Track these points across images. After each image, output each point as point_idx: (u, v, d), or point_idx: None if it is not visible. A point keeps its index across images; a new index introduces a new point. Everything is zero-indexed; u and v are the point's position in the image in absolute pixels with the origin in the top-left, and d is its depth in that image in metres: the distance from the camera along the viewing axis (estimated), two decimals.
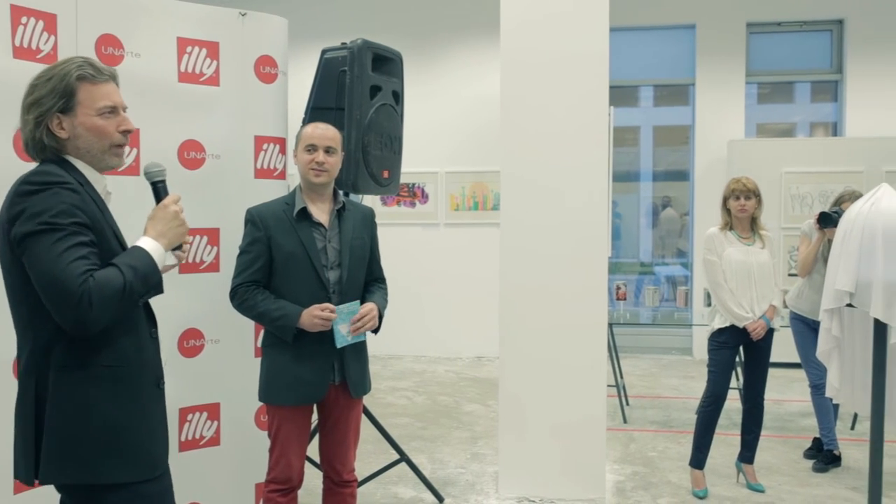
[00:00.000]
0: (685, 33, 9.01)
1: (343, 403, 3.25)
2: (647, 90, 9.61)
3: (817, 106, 9.30)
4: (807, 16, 8.80)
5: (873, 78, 8.57)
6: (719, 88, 8.78)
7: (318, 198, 3.21)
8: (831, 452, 5.14)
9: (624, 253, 9.69)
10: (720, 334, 4.56)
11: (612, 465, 5.12)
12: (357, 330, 3.14)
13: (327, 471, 3.35)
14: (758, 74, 9.03)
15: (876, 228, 3.03)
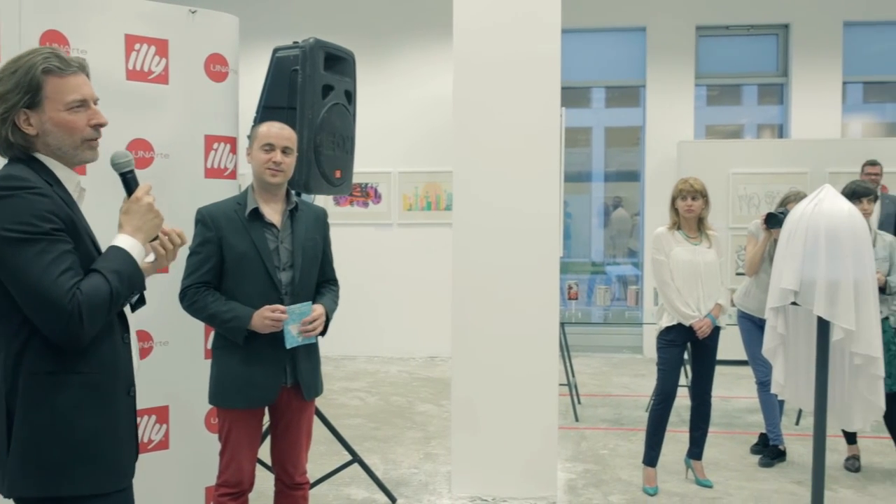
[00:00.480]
0: (636, 36, 9.12)
1: (295, 406, 3.23)
2: (599, 92, 9.72)
3: (764, 108, 9.49)
4: (754, 20, 8.98)
5: (816, 81, 8.78)
6: (669, 90, 8.92)
7: (272, 198, 3.18)
8: (776, 447, 5.26)
9: (576, 253, 9.78)
10: (668, 333, 4.62)
11: (564, 464, 5.16)
12: (307, 333, 3.12)
13: (279, 473, 3.33)
14: (707, 77, 9.19)
15: (819, 229, 3.09)
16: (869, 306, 3.12)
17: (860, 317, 3.09)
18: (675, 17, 8.90)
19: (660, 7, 8.91)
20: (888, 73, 9.08)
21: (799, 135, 8.73)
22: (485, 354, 4.55)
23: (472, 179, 4.53)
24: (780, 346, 3.40)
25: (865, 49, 8.98)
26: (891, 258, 4.89)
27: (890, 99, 9.44)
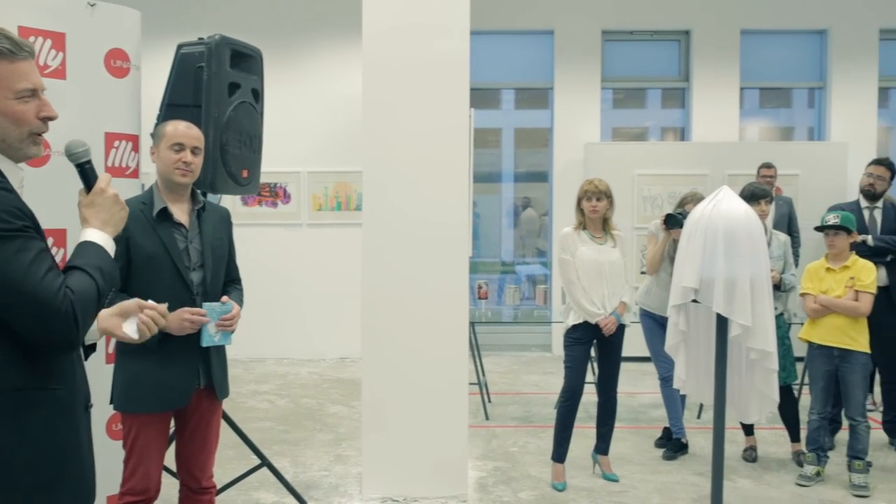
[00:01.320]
0: (544, 39, 9.26)
1: (205, 408, 3.19)
2: (509, 93, 9.83)
3: (667, 112, 9.77)
4: (657, 25, 9.24)
5: (715, 87, 9.09)
6: (576, 93, 9.08)
7: (178, 198, 3.13)
8: (679, 441, 5.42)
9: (486, 253, 9.87)
10: (574, 331, 4.72)
11: (475, 462, 5.20)
12: (225, 328, 3.09)
13: (184, 478, 3.25)
14: (612, 80, 9.40)
15: (717, 229, 3.21)
16: (764, 303, 3.25)
17: (756, 313, 3.21)
18: (581, 22, 9.07)
19: (567, 11, 9.06)
20: (782, 79, 9.48)
21: (700, 138, 9.02)
22: (395, 355, 4.55)
23: (382, 179, 4.52)
24: (682, 342, 3.51)
25: (761, 56, 9.35)
26: (785, 257, 5.10)
27: (784, 104, 9.85)
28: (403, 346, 4.54)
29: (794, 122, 9.91)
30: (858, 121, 9.09)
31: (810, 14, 9.11)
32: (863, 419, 4.79)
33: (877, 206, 5.78)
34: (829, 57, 9.17)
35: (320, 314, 8.60)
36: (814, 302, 4.84)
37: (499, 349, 8.98)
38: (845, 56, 9.11)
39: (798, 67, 9.45)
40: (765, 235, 4.68)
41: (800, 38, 9.40)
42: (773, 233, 5.15)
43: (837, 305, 4.76)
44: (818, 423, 4.90)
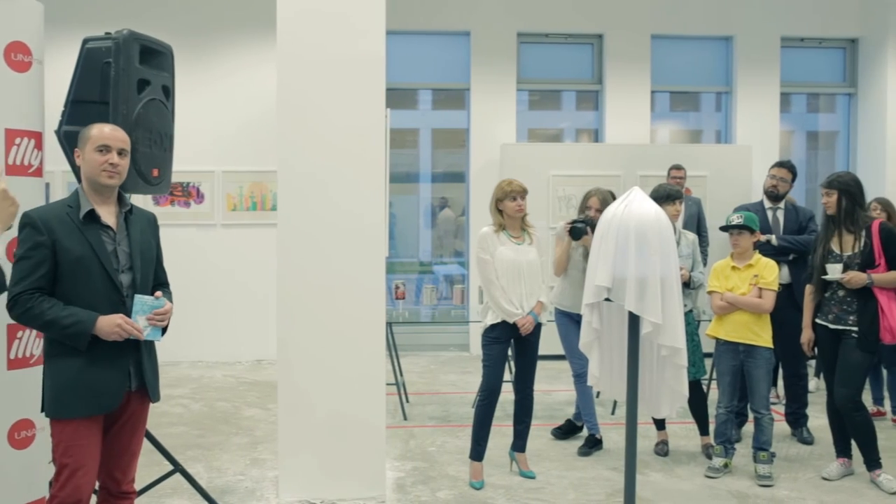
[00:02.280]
0: (461, 40, 9.32)
1: (133, 409, 3.16)
2: (426, 94, 9.84)
3: (581, 113, 9.95)
4: (571, 29, 9.39)
5: (627, 90, 9.30)
6: (493, 94, 9.16)
7: (105, 200, 3.12)
8: (593, 436, 5.53)
9: (403, 253, 9.87)
10: (492, 330, 4.76)
11: (393, 462, 5.19)
12: (156, 323, 3.07)
13: (104, 480, 3.18)
14: (528, 82, 9.51)
15: (629, 229, 3.27)
16: (674, 301, 3.33)
17: (666, 311, 3.29)
18: (497, 23, 9.16)
19: (483, 13, 9.14)
20: (691, 83, 9.76)
21: (613, 139, 9.21)
22: (311, 356, 4.51)
23: (297, 179, 4.47)
24: (596, 340, 3.57)
25: (671, 61, 9.61)
26: (693, 255, 5.26)
27: (693, 108, 10.14)
28: (320, 347, 4.50)
29: (703, 125, 10.21)
30: (762, 124, 9.44)
31: (717, 21, 9.41)
32: (767, 412, 4.97)
33: (779, 207, 6.00)
34: (735, 63, 9.49)
35: (235, 316, 8.46)
36: (720, 299, 4.99)
37: (417, 349, 8.99)
38: (750, 62, 9.44)
39: (706, 72, 9.75)
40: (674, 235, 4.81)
41: (707, 43, 9.70)
42: (681, 232, 5.30)
43: (742, 302, 4.92)
44: (725, 417, 5.06)
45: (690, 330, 5.07)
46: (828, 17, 9.51)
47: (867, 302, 4.71)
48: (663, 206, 5.09)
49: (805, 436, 5.73)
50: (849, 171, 5.67)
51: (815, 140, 10.39)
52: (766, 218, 5.90)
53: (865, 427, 4.82)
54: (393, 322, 6.61)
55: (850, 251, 4.80)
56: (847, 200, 4.82)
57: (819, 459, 5.30)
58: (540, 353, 4.94)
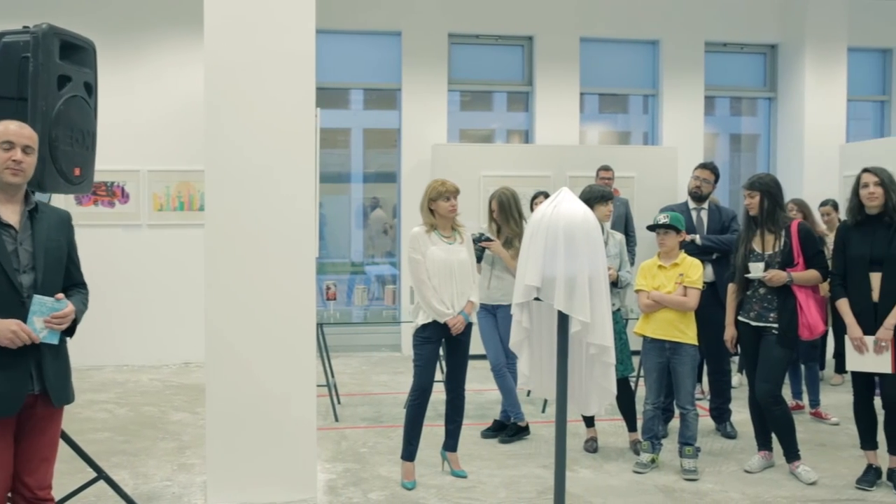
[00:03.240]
0: (392, 40, 9.30)
1: (41, 414, 3.08)
2: (358, 93, 9.80)
3: (512, 115, 10.03)
4: (502, 30, 9.46)
5: (557, 91, 9.41)
6: (424, 94, 9.17)
7: (9, 199, 3.04)
8: (516, 424, 5.63)
9: (335, 253, 9.81)
10: (424, 330, 4.76)
11: (324, 464, 5.16)
12: (54, 327, 2.98)
13: (17, 487, 3.09)
14: (459, 83, 9.55)
15: (558, 229, 3.31)
16: (602, 300, 3.38)
17: (594, 309, 3.34)
18: (428, 24, 9.17)
19: (414, 13, 9.14)
20: (619, 86, 9.93)
21: (543, 140, 9.31)
22: (240, 358, 4.44)
23: (225, 179, 4.40)
24: (525, 339, 3.60)
25: (600, 63, 9.76)
26: (621, 255, 5.35)
27: (621, 110, 10.32)
28: (249, 349, 4.44)
29: (631, 127, 10.41)
30: (687, 127, 9.66)
31: (643, 25, 9.60)
32: (692, 407, 5.09)
33: (703, 208, 6.16)
34: (661, 66, 9.70)
35: (162, 318, 8.28)
36: (647, 298, 5.10)
37: (348, 350, 8.94)
38: (675, 66, 9.66)
39: (633, 75, 9.94)
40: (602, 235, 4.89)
41: (634, 47, 9.89)
42: (609, 232, 5.39)
43: (667, 301, 5.03)
44: (652, 413, 5.17)
45: (618, 328, 5.16)
46: (749, 24, 9.79)
47: (786, 300, 4.87)
48: (596, 206, 5.19)
49: (728, 430, 5.89)
50: (769, 173, 5.84)
51: (738, 142, 10.69)
52: (690, 218, 6.05)
53: (785, 420, 4.98)
54: (324, 323, 6.56)
55: (771, 250, 4.95)
56: (769, 201, 4.97)
57: (742, 453, 5.45)
58: (471, 353, 4.98)
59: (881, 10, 9.78)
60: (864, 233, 4.74)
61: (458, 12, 9.24)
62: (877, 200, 4.67)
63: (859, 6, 9.61)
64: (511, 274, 5.41)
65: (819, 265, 4.90)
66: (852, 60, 9.68)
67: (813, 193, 8.31)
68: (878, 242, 4.67)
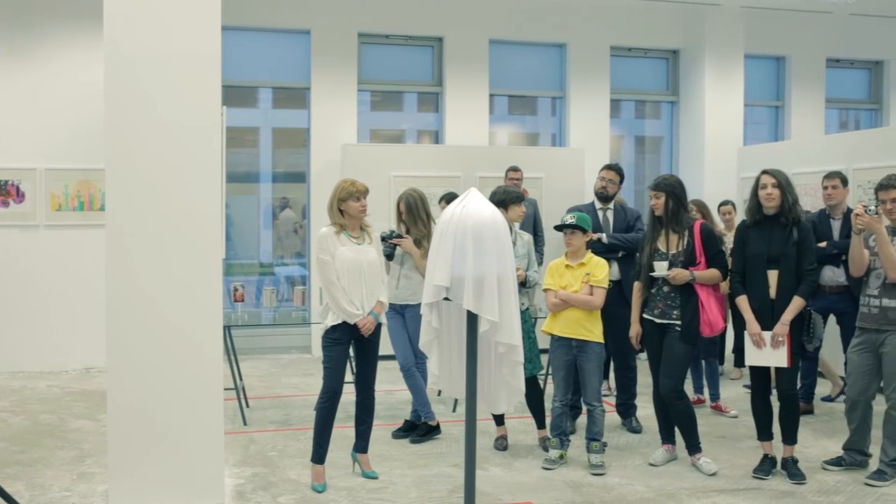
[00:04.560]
0: (301, 38, 9.19)
1: None
2: (266, 92, 9.65)
3: (422, 115, 10.06)
4: (412, 31, 9.47)
5: (467, 92, 9.48)
6: (333, 94, 9.11)
7: None
8: (427, 424, 5.66)
9: (243, 254, 9.64)
10: (333, 331, 4.73)
11: (232, 469, 5.06)
12: None
13: None
14: (369, 83, 9.51)
15: (466, 228, 3.33)
16: (510, 299, 3.42)
17: (503, 309, 3.37)
18: (337, 23, 9.10)
19: (323, 12, 9.06)
20: (528, 88, 10.07)
21: (453, 141, 9.36)
22: (144, 362, 4.32)
23: (127, 178, 4.27)
24: (435, 339, 3.61)
25: (509, 65, 9.87)
26: (529, 255, 5.42)
27: (530, 112, 10.47)
28: (153, 353, 4.32)
29: (539, 128, 10.57)
30: (593, 129, 9.87)
31: (550, 28, 9.75)
32: (599, 404, 5.20)
33: (609, 208, 6.30)
34: (568, 69, 9.87)
35: (61, 322, 7.97)
36: (554, 297, 5.18)
37: (257, 352, 8.80)
38: (582, 69, 9.85)
39: (541, 77, 10.09)
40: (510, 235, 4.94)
41: (542, 50, 10.04)
42: (518, 232, 5.45)
43: (574, 299, 5.13)
44: (560, 410, 5.25)
45: (527, 327, 5.23)
46: (652, 29, 10.06)
47: (689, 297, 5.02)
48: (511, 207, 5.25)
49: (634, 425, 6.04)
50: (674, 175, 6.01)
51: (643, 144, 10.98)
52: (597, 218, 6.18)
53: (687, 414, 5.14)
54: (231, 325, 6.44)
55: (675, 249, 5.10)
56: (673, 202, 5.12)
57: (647, 447, 5.60)
58: (381, 353, 4.96)
59: (775, 20, 10.20)
60: (761, 232, 4.94)
61: (367, 12, 9.20)
62: (774, 201, 4.87)
63: (755, 15, 10.00)
64: (420, 273, 5.42)
65: (719, 264, 5.07)
66: (749, 67, 10.07)
67: (713, 194, 8.61)
68: (775, 241, 4.86)
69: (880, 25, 10.57)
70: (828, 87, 10.65)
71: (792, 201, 4.88)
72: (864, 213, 4.73)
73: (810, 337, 4.91)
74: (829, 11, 10.19)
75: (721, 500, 4.65)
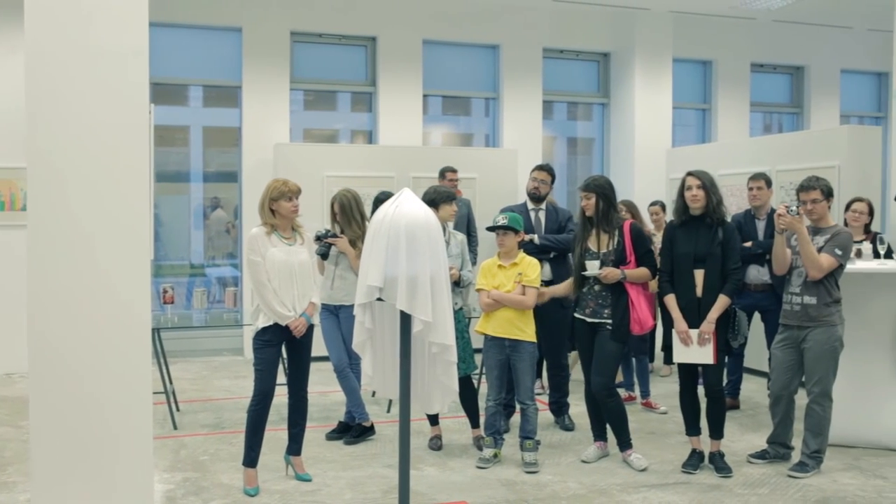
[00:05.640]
0: (233, 36, 9.06)
1: None
2: (197, 90, 9.49)
3: (356, 115, 10.01)
4: (345, 30, 9.42)
5: (400, 93, 9.48)
6: (266, 93, 9.01)
7: None
8: (361, 425, 5.65)
9: (173, 255, 9.45)
10: (265, 333, 4.67)
11: (162, 475, 4.96)
12: None
13: None
14: (302, 82, 9.43)
15: (399, 228, 3.34)
16: (443, 299, 3.44)
17: (436, 309, 3.39)
18: (269, 21, 9.01)
19: (255, 9, 8.95)
20: (462, 88, 10.11)
21: (386, 141, 9.35)
22: (68, 367, 4.19)
23: (50, 177, 4.14)
24: (368, 340, 3.61)
25: (443, 66, 9.90)
26: (462, 255, 5.45)
27: (464, 112, 10.52)
28: (78, 357, 4.20)
29: (473, 129, 10.62)
30: (526, 130, 9.97)
31: (483, 30, 9.82)
32: (532, 402, 5.25)
33: (541, 208, 6.37)
34: (501, 70, 9.95)
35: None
36: (487, 297, 5.21)
37: (188, 355, 8.65)
38: (515, 70, 9.94)
39: (475, 78, 10.14)
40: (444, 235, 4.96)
41: (476, 51, 10.10)
42: (451, 233, 5.47)
43: (507, 299, 5.16)
44: (494, 409, 5.29)
45: (461, 327, 5.25)
46: (584, 32, 10.21)
47: (620, 296, 5.11)
48: (442, 206, 5.26)
49: (567, 423, 6.12)
50: (604, 175, 6.11)
51: (575, 146, 11.13)
52: (529, 218, 6.23)
53: (618, 411, 5.23)
54: (161, 328, 6.31)
55: (606, 249, 5.17)
56: (603, 203, 5.19)
57: (579, 444, 5.68)
58: (314, 354, 4.93)
59: (702, 25, 10.45)
60: (688, 232, 5.05)
61: (300, 10, 9.12)
62: (699, 202, 4.98)
63: (683, 20, 10.23)
64: (354, 273, 5.39)
65: (648, 263, 5.17)
66: (677, 70, 10.30)
67: (642, 194, 8.77)
68: (701, 241, 4.98)
69: (802, 32, 10.93)
70: (752, 91, 10.97)
71: (716, 202, 5.00)
72: (786, 213, 4.87)
73: (735, 334, 5.03)
74: (754, 18, 10.48)
75: (651, 495, 4.74)
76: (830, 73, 11.30)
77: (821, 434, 5.04)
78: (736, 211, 6.95)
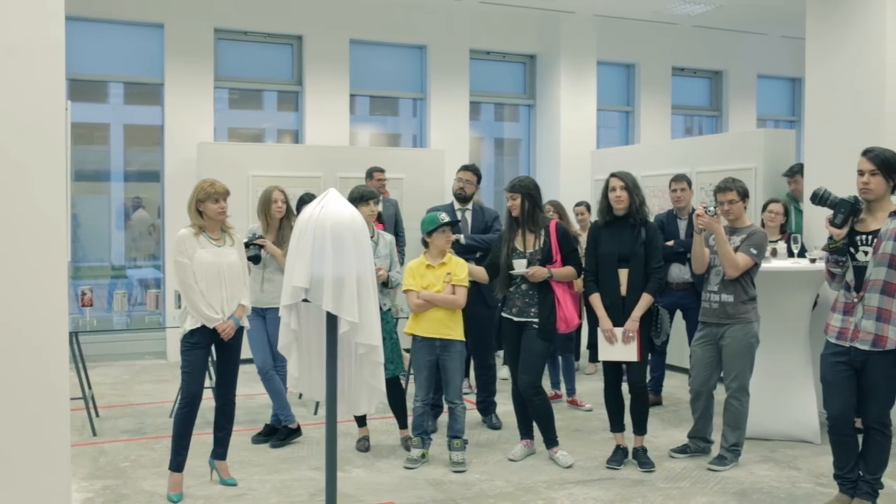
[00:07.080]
0: (154, 32, 8.87)
1: None
2: (118, 87, 9.25)
3: (282, 114, 9.91)
4: (271, 28, 9.32)
5: (327, 92, 9.42)
6: (189, 91, 8.84)
7: None
8: (287, 427, 5.60)
9: (93, 256, 9.20)
10: (192, 335, 4.59)
11: (80, 483, 4.82)
12: None
13: None
14: (226, 80, 9.28)
15: (325, 229, 3.32)
16: (370, 299, 3.43)
17: (363, 309, 3.38)
18: (192, 17, 8.85)
19: (177, 5, 8.78)
20: (389, 88, 10.10)
21: (313, 141, 9.28)
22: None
23: None
24: (294, 341, 3.58)
25: (370, 65, 9.87)
26: (391, 255, 5.44)
27: (391, 112, 10.51)
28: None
29: (401, 129, 10.62)
30: (454, 130, 10.02)
31: (410, 30, 9.83)
32: (460, 402, 5.28)
33: (467, 208, 6.41)
34: (428, 71, 9.98)
35: None
36: (416, 298, 5.21)
37: (109, 359, 8.43)
38: (442, 71, 9.97)
39: (403, 78, 10.14)
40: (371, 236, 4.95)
41: (403, 51, 10.10)
42: (379, 233, 5.46)
43: (439, 299, 5.18)
44: (422, 409, 5.30)
45: (388, 328, 5.25)
46: (510, 34, 10.31)
47: (546, 295, 5.17)
48: (359, 206, 5.24)
49: (494, 422, 6.16)
50: (529, 176, 6.17)
51: (502, 146, 11.22)
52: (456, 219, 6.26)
53: (545, 409, 5.29)
54: (79, 331, 6.14)
55: (532, 248, 5.23)
56: (529, 203, 5.25)
57: (506, 442, 5.73)
58: (242, 357, 4.86)
59: (625, 29, 10.67)
60: (612, 232, 5.14)
61: (224, 7, 8.99)
62: (623, 203, 5.08)
63: (606, 24, 10.42)
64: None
65: (574, 262, 5.25)
66: (601, 73, 10.48)
67: (568, 195, 8.89)
68: (625, 241, 5.08)
69: (721, 38, 11.25)
70: (673, 94, 11.25)
71: (639, 202, 5.10)
72: (704, 213, 5.00)
73: (658, 332, 5.15)
74: (675, 23, 10.75)
75: (577, 491, 4.81)
76: (747, 78, 11.67)
77: (738, 428, 5.20)
78: (658, 211, 7.10)
